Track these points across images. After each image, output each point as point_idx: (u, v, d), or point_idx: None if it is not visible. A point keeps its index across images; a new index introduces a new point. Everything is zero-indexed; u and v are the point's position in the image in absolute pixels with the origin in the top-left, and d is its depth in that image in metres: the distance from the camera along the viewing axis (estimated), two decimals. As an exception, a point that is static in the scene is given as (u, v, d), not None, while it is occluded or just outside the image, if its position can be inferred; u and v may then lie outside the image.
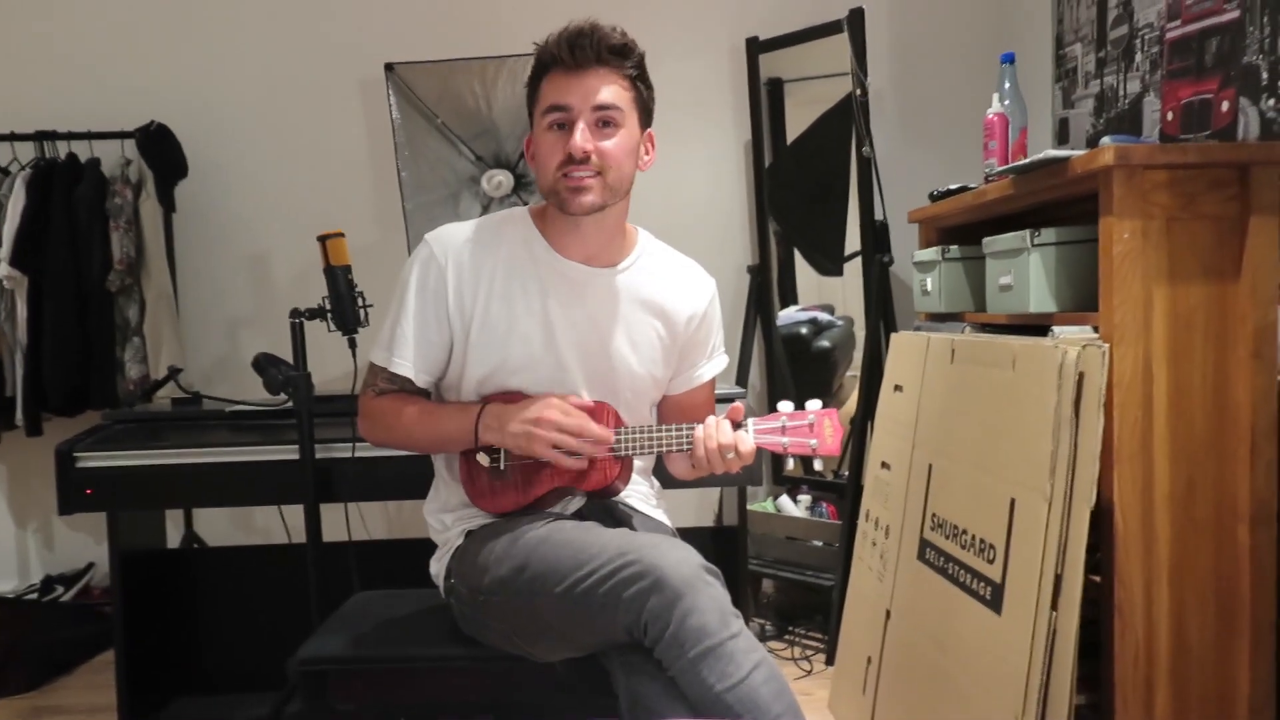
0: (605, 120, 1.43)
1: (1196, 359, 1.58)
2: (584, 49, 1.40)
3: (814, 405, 1.44)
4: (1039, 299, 1.80)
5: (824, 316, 3.03)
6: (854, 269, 2.87)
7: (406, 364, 1.49)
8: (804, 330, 3.03)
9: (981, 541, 1.68)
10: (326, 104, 3.10)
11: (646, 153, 1.52)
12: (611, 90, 1.42)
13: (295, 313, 1.96)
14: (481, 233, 1.52)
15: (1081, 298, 1.77)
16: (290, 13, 3.08)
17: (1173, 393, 1.58)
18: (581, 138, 1.40)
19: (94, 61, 3.06)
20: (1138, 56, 2.24)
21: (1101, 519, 1.56)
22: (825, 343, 3.02)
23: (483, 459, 1.48)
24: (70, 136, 2.90)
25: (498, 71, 2.82)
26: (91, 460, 2.02)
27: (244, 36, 3.09)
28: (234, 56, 3.09)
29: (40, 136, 2.90)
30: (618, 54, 1.42)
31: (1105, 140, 1.63)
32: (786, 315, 3.05)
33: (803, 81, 3.01)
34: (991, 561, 1.64)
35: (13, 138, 2.90)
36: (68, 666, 2.68)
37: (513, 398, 1.48)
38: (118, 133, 2.90)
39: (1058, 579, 1.48)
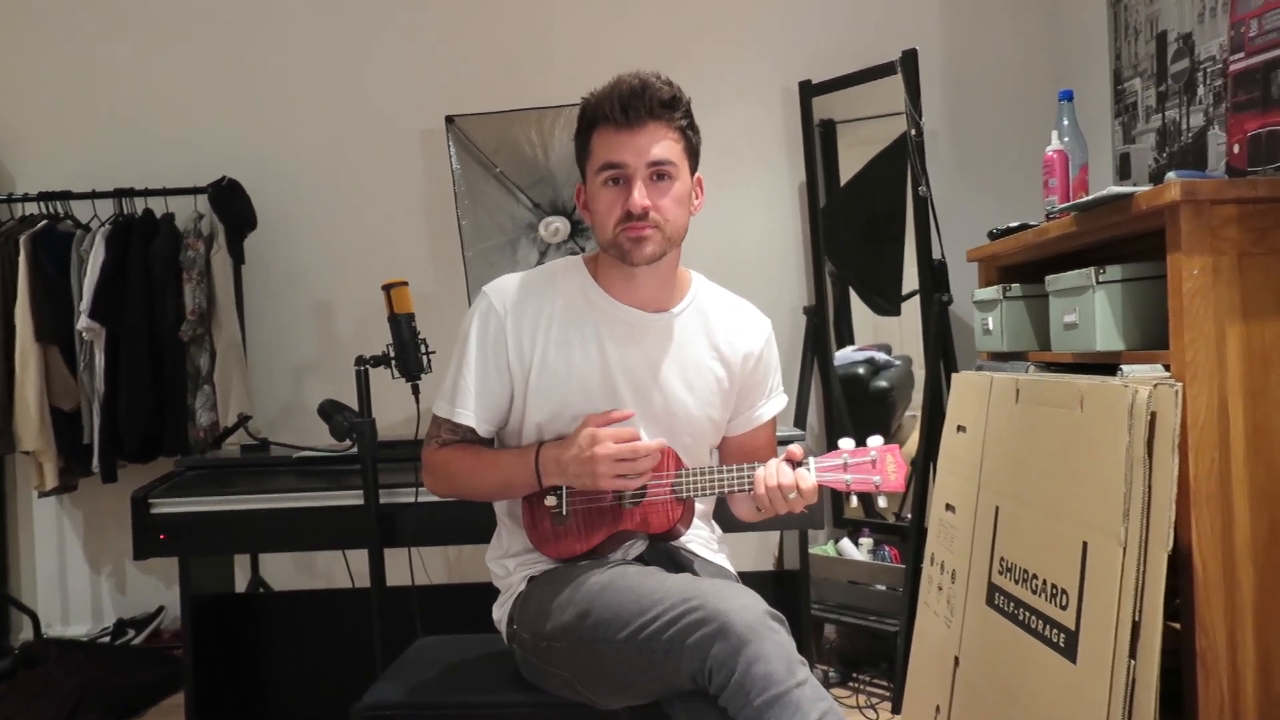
0: (660, 174, 1.45)
1: (1275, 397, 1.54)
2: (637, 108, 1.42)
3: (875, 442, 1.42)
4: (1105, 337, 1.77)
5: (881, 356, 3.01)
6: (911, 308, 2.84)
7: (469, 414, 1.52)
8: (861, 370, 3.00)
9: (1053, 587, 1.63)
10: (388, 156, 3.18)
11: (696, 197, 1.54)
12: (665, 145, 1.44)
13: (360, 360, 2.01)
14: (538, 281, 1.55)
15: (1150, 336, 1.73)
16: (352, 70, 3.19)
17: (1250, 432, 1.53)
18: (640, 195, 1.43)
19: (168, 122, 3.19)
20: (1200, 90, 2.21)
21: (1180, 564, 1.51)
22: (883, 383, 2.99)
23: (550, 501, 1.49)
24: (147, 193, 3.01)
25: (554, 121, 2.87)
26: (165, 507, 2.08)
27: (309, 94, 3.20)
28: (299, 113, 3.20)
29: (119, 194, 3.01)
30: (668, 107, 1.44)
31: (1170, 175, 1.60)
32: (843, 356, 3.03)
33: (855, 122, 3.01)
34: (1064, 607, 1.59)
35: (94, 195, 3.02)
36: (138, 709, 2.71)
37: (569, 442, 1.49)
38: (191, 188, 3.01)
39: (1135, 626, 1.43)
